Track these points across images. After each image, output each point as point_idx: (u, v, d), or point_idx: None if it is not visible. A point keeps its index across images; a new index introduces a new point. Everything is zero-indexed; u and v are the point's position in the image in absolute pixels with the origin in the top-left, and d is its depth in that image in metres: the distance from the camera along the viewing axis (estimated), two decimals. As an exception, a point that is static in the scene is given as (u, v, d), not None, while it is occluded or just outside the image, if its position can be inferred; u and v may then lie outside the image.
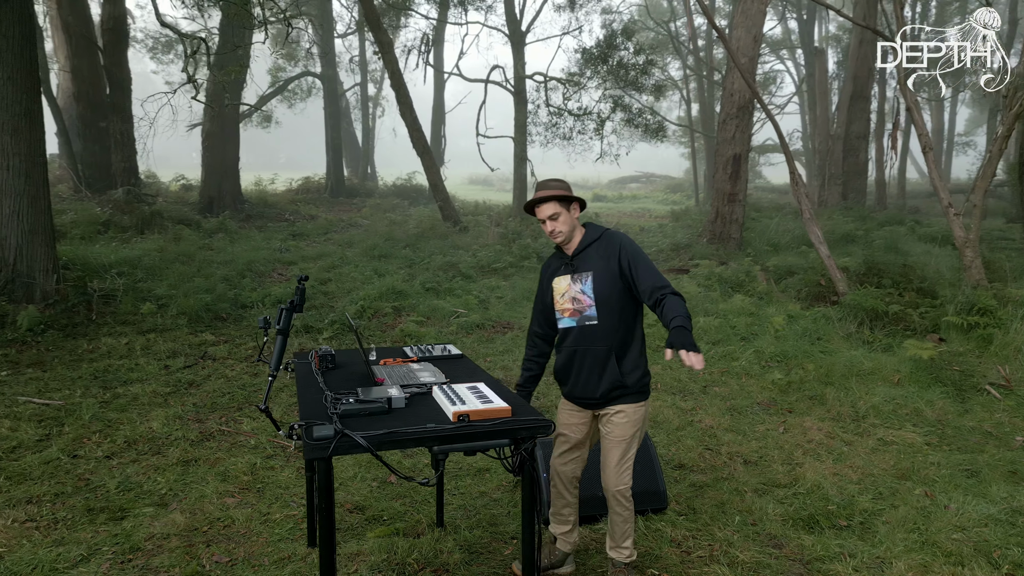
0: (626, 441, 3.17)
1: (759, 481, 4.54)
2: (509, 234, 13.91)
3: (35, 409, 5.42)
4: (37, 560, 3.45)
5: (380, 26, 13.43)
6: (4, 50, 7.36)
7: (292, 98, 24.69)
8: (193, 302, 8.09)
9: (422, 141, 14.11)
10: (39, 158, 7.72)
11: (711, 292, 10.16)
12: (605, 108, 14.91)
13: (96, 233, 12.11)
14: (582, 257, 3.13)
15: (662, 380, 6.64)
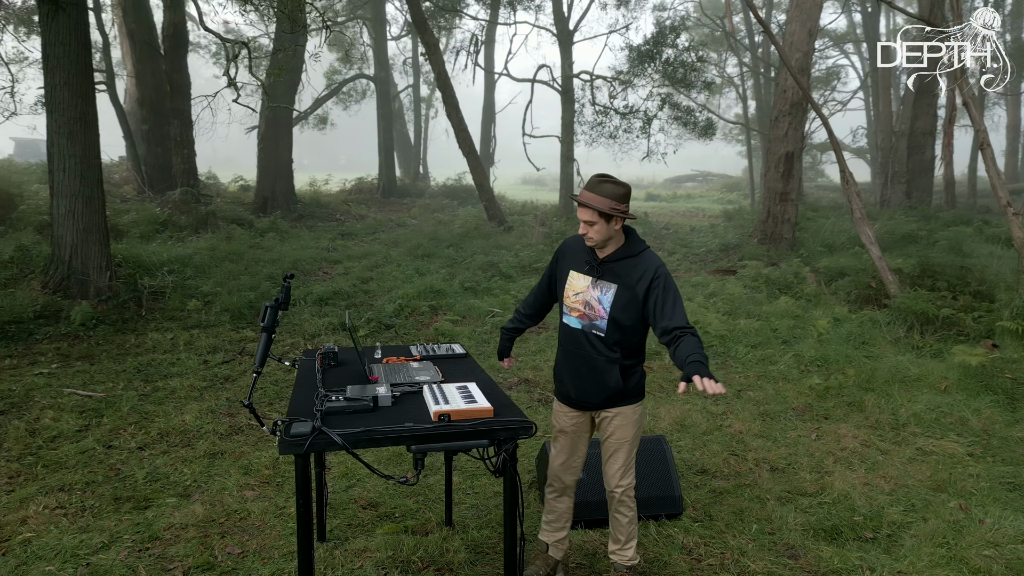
0: (629, 442, 3.13)
1: (783, 489, 4.40)
2: (553, 234, 13.86)
3: (78, 400, 5.67)
4: (62, 546, 3.60)
5: (427, 28, 13.57)
6: (61, 57, 7.72)
7: (347, 100, 25.16)
8: (236, 299, 8.32)
9: (468, 142, 14.19)
10: (93, 160, 8.06)
11: (757, 294, 9.91)
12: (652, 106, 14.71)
13: (155, 232, 12.58)
14: (611, 268, 2.97)
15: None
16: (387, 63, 22.54)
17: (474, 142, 24.15)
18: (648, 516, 3.94)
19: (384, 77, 22.47)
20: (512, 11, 17.14)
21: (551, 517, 3.38)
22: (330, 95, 23.10)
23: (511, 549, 2.49)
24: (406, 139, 27.14)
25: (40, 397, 5.71)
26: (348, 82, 24.27)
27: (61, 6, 7.62)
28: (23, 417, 5.31)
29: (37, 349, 6.95)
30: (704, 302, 9.19)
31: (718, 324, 7.95)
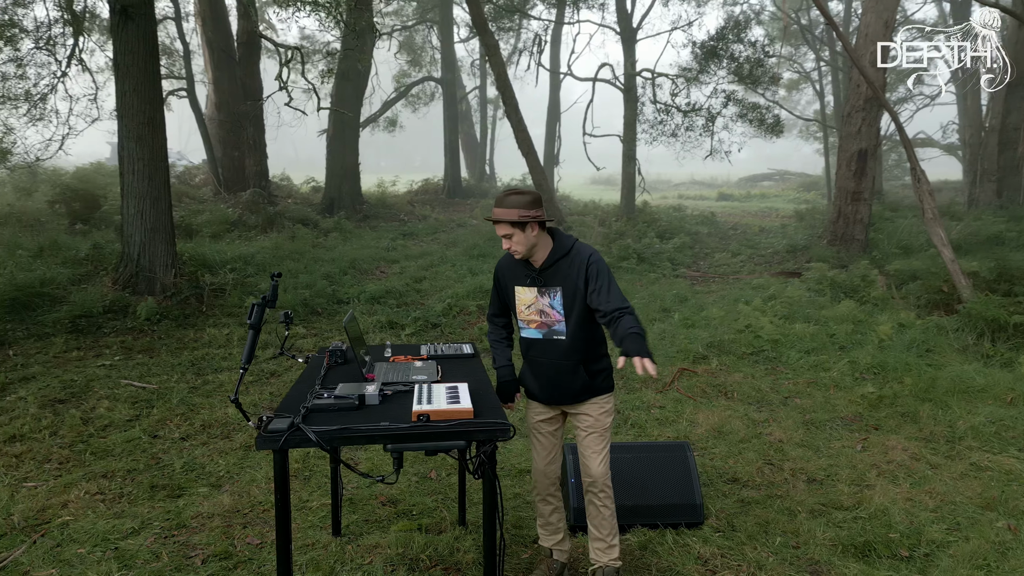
0: (606, 430, 3.15)
1: (817, 501, 4.21)
2: (611, 234, 13.71)
3: (133, 392, 5.96)
4: (95, 530, 3.79)
5: (487, 30, 13.63)
6: (130, 65, 8.14)
7: (416, 103, 25.59)
8: (291, 297, 8.58)
9: (527, 142, 14.16)
10: (161, 162, 8.46)
11: (819, 297, 9.53)
12: (716, 103, 14.33)
13: (226, 231, 13.11)
14: (551, 272, 3.02)
15: (740, 389, 6.30)
16: (453, 65, 22.79)
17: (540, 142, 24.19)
18: (667, 524, 3.84)
19: (450, 79, 22.73)
20: (575, 10, 17.04)
21: (542, 521, 3.37)
22: (398, 98, 23.55)
23: (490, 551, 2.47)
24: (473, 140, 27.39)
25: (99, 387, 6.04)
26: (415, 85, 24.67)
27: (131, 16, 8.03)
28: (80, 406, 5.63)
29: (104, 342, 7.35)
30: (761, 305, 8.90)
31: (771, 328, 7.68)
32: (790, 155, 56.88)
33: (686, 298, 9.97)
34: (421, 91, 25.91)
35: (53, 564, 3.46)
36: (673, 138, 14.88)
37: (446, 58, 22.66)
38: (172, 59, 19.58)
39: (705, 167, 22.59)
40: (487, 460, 2.37)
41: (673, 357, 7.25)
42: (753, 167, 50.32)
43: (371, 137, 31.00)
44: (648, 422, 5.53)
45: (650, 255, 12.87)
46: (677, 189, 39.25)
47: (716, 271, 12.85)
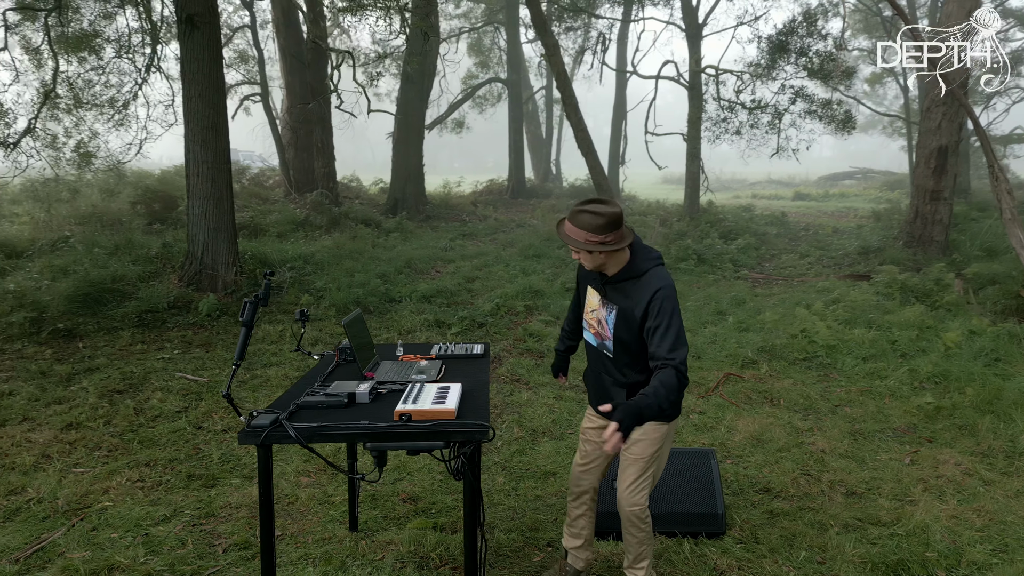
0: (644, 460, 2.94)
1: (853, 516, 4.01)
2: (671, 235, 13.45)
3: (185, 384, 6.22)
4: (130, 516, 3.97)
5: (546, 29, 13.59)
6: (196, 72, 8.50)
7: (483, 104, 25.77)
8: (344, 295, 8.78)
9: (587, 141, 14.06)
10: (223, 165, 8.80)
11: (888, 301, 9.08)
12: (784, 99, 13.82)
13: (292, 231, 13.53)
14: (616, 288, 2.83)
15: (787, 396, 6.07)
16: (519, 65, 22.84)
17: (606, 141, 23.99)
18: (686, 533, 3.74)
19: (516, 79, 22.79)
20: (640, 7, 16.78)
21: (568, 521, 3.31)
22: (464, 99, 23.77)
23: (471, 552, 2.45)
24: (540, 139, 27.38)
25: (155, 380, 6.33)
26: (481, 86, 24.84)
27: (196, 25, 8.39)
28: (136, 397, 5.91)
29: (166, 336, 7.70)
30: (822, 309, 8.55)
31: (827, 333, 7.36)
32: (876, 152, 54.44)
33: (744, 301, 9.68)
34: (488, 92, 26.08)
35: (87, 547, 3.64)
36: (737, 136, 14.46)
37: (512, 59, 22.74)
38: (250, 65, 20.36)
39: (783, 166, 21.85)
40: (467, 462, 2.36)
41: (721, 362, 7.06)
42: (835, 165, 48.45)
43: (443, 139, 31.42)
44: (685, 428, 5.40)
45: (711, 256, 12.55)
46: (752, 188, 38.13)
47: (781, 273, 12.42)
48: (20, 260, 10.08)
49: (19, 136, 10.36)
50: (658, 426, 2.90)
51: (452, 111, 23.21)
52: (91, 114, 13.24)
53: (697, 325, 8.46)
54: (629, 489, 2.99)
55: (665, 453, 2.99)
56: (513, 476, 4.56)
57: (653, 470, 2.96)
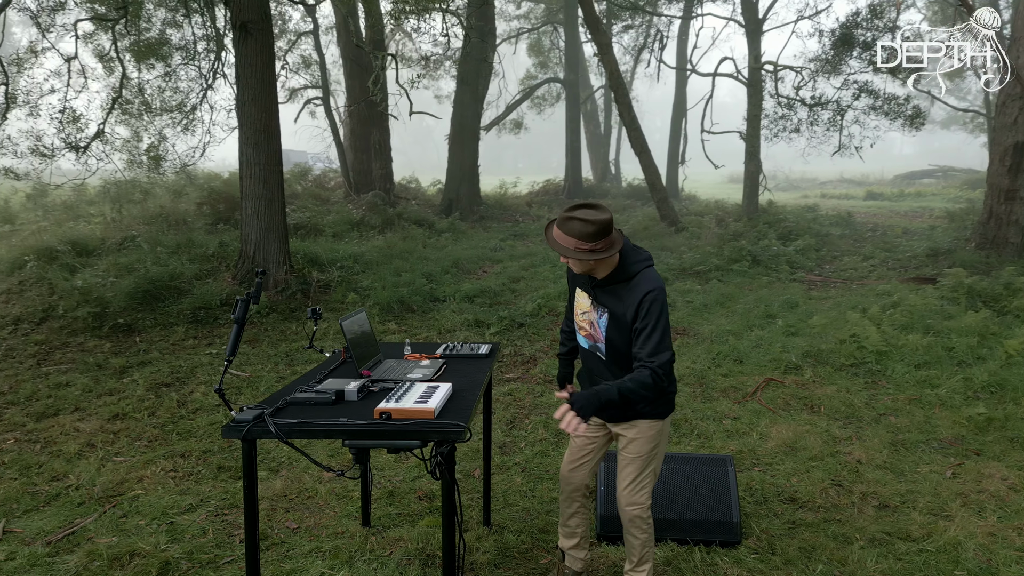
0: (641, 458, 2.92)
1: (882, 529, 3.84)
2: (726, 235, 13.14)
3: (228, 379, 6.44)
4: (160, 504, 4.14)
5: (599, 28, 13.50)
6: (249, 76, 8.79)
7: (542, 104, 25.76)
8: (388, 294, 8.92)
9: (640, 140, 13.90)
10: (275, 166, 9.08)
11: (952, 306, 8.65)
12: (847, 95, 13.31)
13: (348, 231, 13.84)
14: (606, 291, 2.80)
15: (828, 403, 5.85)
16: (577, 65, 22.74)
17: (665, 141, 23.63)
18: (699, 541, 3.65)
19: (573, 79, 22.69)
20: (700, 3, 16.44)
21: (562, 520, 3.30)
22: (521, 100, 23.81)
23: (449, 551, 2.46)
24: (600, 139, 27.19)
25: (201, 374, 6.58)
26: (539, 86, 24.83)
27: (249, 32, 8.68)
28: (181, 390, 6.16)
29: (217, 332, 7.99)
30: (878, 314, 8.20)
31: (877, 338, 7.06)
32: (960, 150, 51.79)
33: (796, 304, 9.38)
34: (547, 92, 26.06)
35: (114, 533, 3.81)
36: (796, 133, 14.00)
37: (570, 58, 22.65)
38: (313, 69, 20.91)
39: (857, 164, 21.04)
40: (444, 461, 2.36)
41: (764, 367, 6.86)
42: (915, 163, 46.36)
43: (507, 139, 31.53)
44: (715, 433, 5.27)
45: (766, 258, 12.20)
46: (821, 188, 36.88)
47: (840, 276, 11.97)
48: (90, 258, 10.63)
49: (89, 140, 10.93)
50: (652, 423, 2.88)
51: (509, 112, 23.29)
52: (161, 119, 13.87)
53: (743, 328, 8.24)
54: (629, 488, 2.95)
55: (662, 450, 2.96)
56: (532, 477, 4.54)
57: (652, 467, 2.93)
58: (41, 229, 13.35)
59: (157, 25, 13.06)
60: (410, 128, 42.07)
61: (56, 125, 10.72)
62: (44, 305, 8.63)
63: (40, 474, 4.56)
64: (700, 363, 6.99)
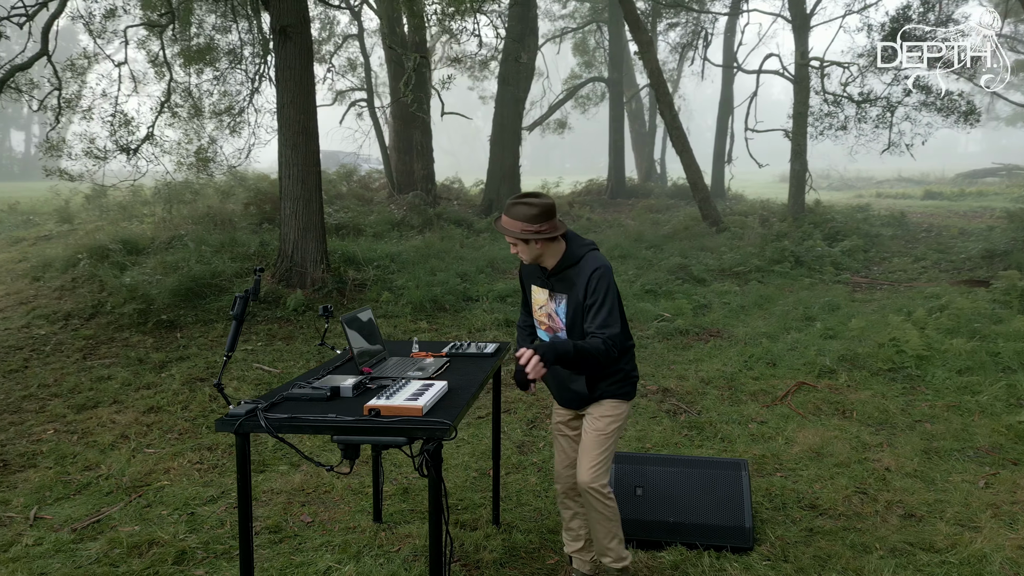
0: (604, 434, 2.98)
1: (904, 540, 3.71)
2: (769, 235, 12.87)
3: (259, 375, 6.60)
4: (183, 495, 4.27)
5: (639, 26, 13.36)
6: (288, 79, 8.98)
7: (586, 103, 25.63)
8: (422, 293, 9.00)
9: (681, 139, 13.72)
10: (313, 167, 9.25)
11: (1004, 310, 8.31)
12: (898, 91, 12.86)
13: (388, 231, 14.01)
14: (559, 278, 2.95)
15: (862, 409, 5.68)
16: (621, 64, 22.55)
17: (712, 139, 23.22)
18: (709, 546, 3.58)
19: (617, 78, 22.51)
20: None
21: (564, 525, 3.31)
22: (564, 100, 23.74)
23: (435, 550, 2.47)
24: (645, 138, 26.92)
25: (234, 369, 6.75)
26: (582, 86, 24.72)
27: (289, 36, 8.86)
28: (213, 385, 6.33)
29: (254, 329, 8.18)
30: (923, 317, 7.92)
31: (917, 343, 6.82)
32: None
33: (838, 307, 9.14)
34: (592, 92, 25.92)
35: (137, 522, 3.95)
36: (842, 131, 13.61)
37: (614, 57, 22.48)
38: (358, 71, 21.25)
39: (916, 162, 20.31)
40: (430, 459, 2.38)
41: (797, 370, 6.70)
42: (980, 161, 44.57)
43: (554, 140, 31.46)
44: (739, 437, 5.17)
45: (810, 259, 11.91)
46: (878, 187, 35.77)
47: (888, 277, 11.61)
48: (140, 256, 11.00)
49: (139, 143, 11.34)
50: (618, 403, 3.00)
51: (552, 112, 23.25)
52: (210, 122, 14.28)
53: (779, 331, 8.06)
54: (590, 463, 2.98)
55: (621, 430, 3.05)
56: (547, 477, 4.53)
57: (610, 445, 2.99)
58: (97, 228, 13.89)
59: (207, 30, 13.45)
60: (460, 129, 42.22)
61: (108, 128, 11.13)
62: (94, 301, 8.97)
63: (74, 464, 4.75)
64: (731, 366, 6.87)
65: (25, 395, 6.22)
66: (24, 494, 4.31)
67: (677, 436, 5.21)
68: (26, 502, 4.19)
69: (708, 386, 6.33)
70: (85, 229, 13.99)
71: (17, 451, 4.97)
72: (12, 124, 53.47)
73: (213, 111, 14.16)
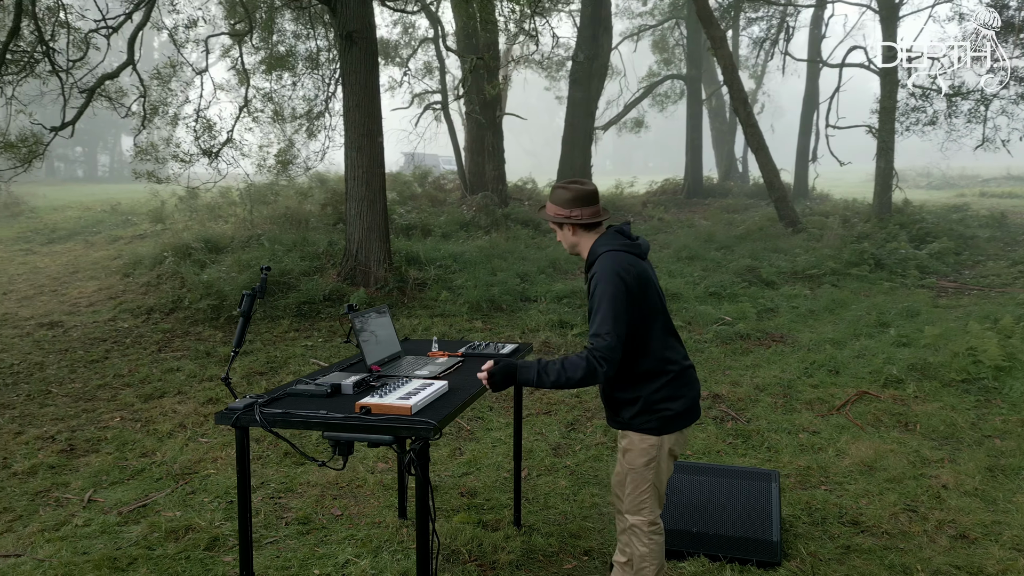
0: (634, 471, 2.79)
1: (951, 562, 3.47)
2: (850, 237, 12.28)
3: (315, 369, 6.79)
4: (225, 484, 4.45)
5: (712, 22, 13.01)
6: (354, 83, 9.23)
7: (664, 102, 25.16)
8: (480, 293, 9.06)
9: (757, 137, 13.28)
10: (377, 168, 9.47)
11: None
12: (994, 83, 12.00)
13: (456, 231, 14.19)
14: (586, 276, 2.82)
15: (927, 422, 5.35)
16: (700, 61, 22.00)
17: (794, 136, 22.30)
18: (734, 558, 3.46)
19: (695, 75, 22.00)
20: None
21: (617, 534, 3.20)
22: (640, 98, 23.36)
23: (423, 547, 2.47)
24: (725, 136, 26.19)
25: (292, 364, 7.00)
26: (658, 84, 24.27)
27: (354, 41, 9.11)
28: (272, 379, 6.58)
29: (317, 326, 8.46)
30: (1009, 325, 7.37)
31: (996, 352, 6.35)
32: None
33: (917, 312, 8.63)
34: (671, 89, 25.42)
35: (180, 508, 4.14)
36: (931, 126, 12.82)
37: (692, 54, 21.97)
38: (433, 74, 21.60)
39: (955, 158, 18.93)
40: (416, 458, 2.39)
41: (861, 379, 6.37)
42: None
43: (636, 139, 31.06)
44: (786, 447, 4.96)
45: (892, 261, 11.29)
46: (984, 185, 33.52)
47: (979, 282, 10.87)
48: (220, 255, 11.55)
49: (220, 146, 11.92)
50: (642, 437, 2.75)
51: (627, 111, 22.93)
52: (290, 126, 14.86)
53: (847, 337, 7.69)
54: (629, 499, 2.85)
55: (664, 466, 2.78)
56: (578, 481, 4.48)
57: (650, 486, 2.77)
58: (185, 228, 14.69)
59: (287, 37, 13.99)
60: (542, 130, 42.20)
61: (191, 133, 11.76)
62: (174, 297, 9.49)
63: (132, 450, 5.03)
64: (789, 372, 6.59)
65: (101, 384, 6.64)
66: (83, 477, 4.61)
67: (720, 444, 5.04)
68: (83, 485, 4.48)
69: (762, 393, 6.10)
70: (175, 229, 14.83)
71: (84, 437, 5.31)
72: (123, 129, 57.30)
73: (292, 115, 14.71)
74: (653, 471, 2.76)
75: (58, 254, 14.35)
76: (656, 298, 2.76)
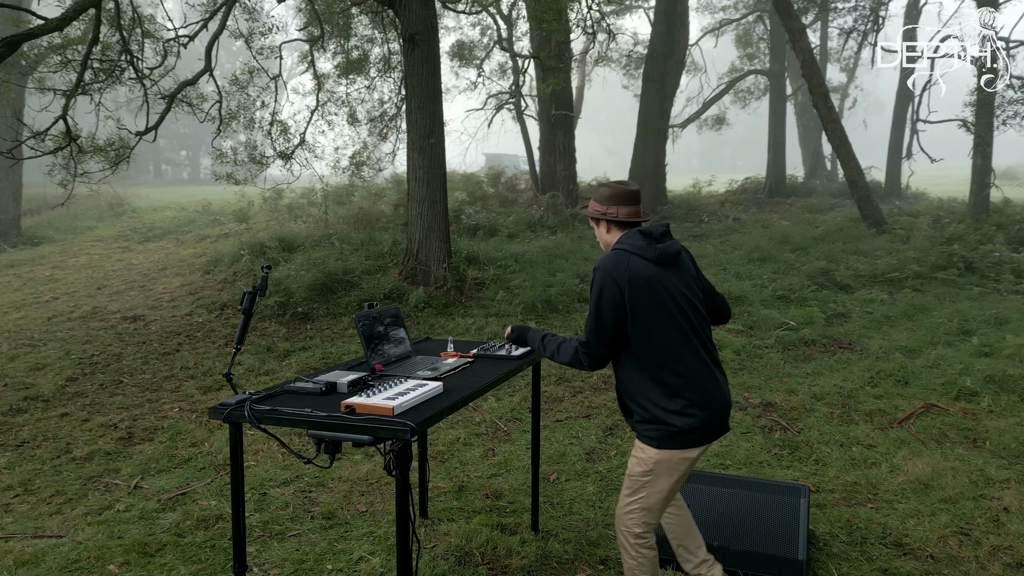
0: (631, 477, 2.72)
1: (1000, 594, 3.18)
2: (939, 238, 11.53)
3: (365, 367, 6.92)
4: (263, 476, 4.59)
5: (791, 13, 12.48)
6: (415, 85, 9.35)
7: (747, 98, 24.34)
8: (538, 293, 9.01)
9: (838, 134, 12.66)
10: (438, 169, 9.56)
11: None
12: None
13: (523, 231, 14.19)
14: None
15: (998, 438, 4.95)
16: (784, 56, 21.14)
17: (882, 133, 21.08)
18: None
19: (778, 70, 21.18)
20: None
21: None
22: (720, 94, 22.67)
23: (403, 548, 2.45)
24: (812, 133, 25.08)
25: (346, 360, 7.14)
26: (738, 79, 23.48)
27: (417, 43, 9.23)
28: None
29: (376, 324, 8.61)
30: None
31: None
32: None
33: (1007, 320, 8.02)
34: (754, 86, 24.58)
35: (215, 497, 4.30)
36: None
37: (775, 48, 21.18)
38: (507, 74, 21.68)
39: None
40: (396, 459, 2.37)
41: (932, 390, 5.95)
42: None
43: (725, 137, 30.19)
44: (836, 460, 4.69)
45: (984, 265, 10.51)
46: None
47: (1084, 288, 9.98)
48: (293, 253, 11.97)
49: (293, 148, 12.34)
50: (643, 446, 2.66)
51: (706, 108, 22.32)
52: (364, 127, 15.24)
53: (924, 345, 7.21)
54: (619, 504, 2.78)
55: (660, 484, 2.64)
56: (606, 487, 4.37)
57: (643, 495, 2.66)
58: (265, 228, 15.30)
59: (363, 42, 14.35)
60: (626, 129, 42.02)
61: (267, 136, 12.21)
62: (246, 294, 9.88)
63: (183, 440, 5.26)
64: (852, 381, 6.24)
65: (168, 375, 6.99)
66: (135, 464, 4.85)
67: (764, 455, 4.82)
68: (133, 472, 4.71)
69: (818, 402, 5.79)
70: (256, 228, 15.47)
71: (143, 426, 5.59)
72: (221, 134, 60.34)
73: (367, 117, 15.08)
74: (647, 485, 2.66)
75: (151, 252, 15.23)
76: (667, 304, 2.61)
